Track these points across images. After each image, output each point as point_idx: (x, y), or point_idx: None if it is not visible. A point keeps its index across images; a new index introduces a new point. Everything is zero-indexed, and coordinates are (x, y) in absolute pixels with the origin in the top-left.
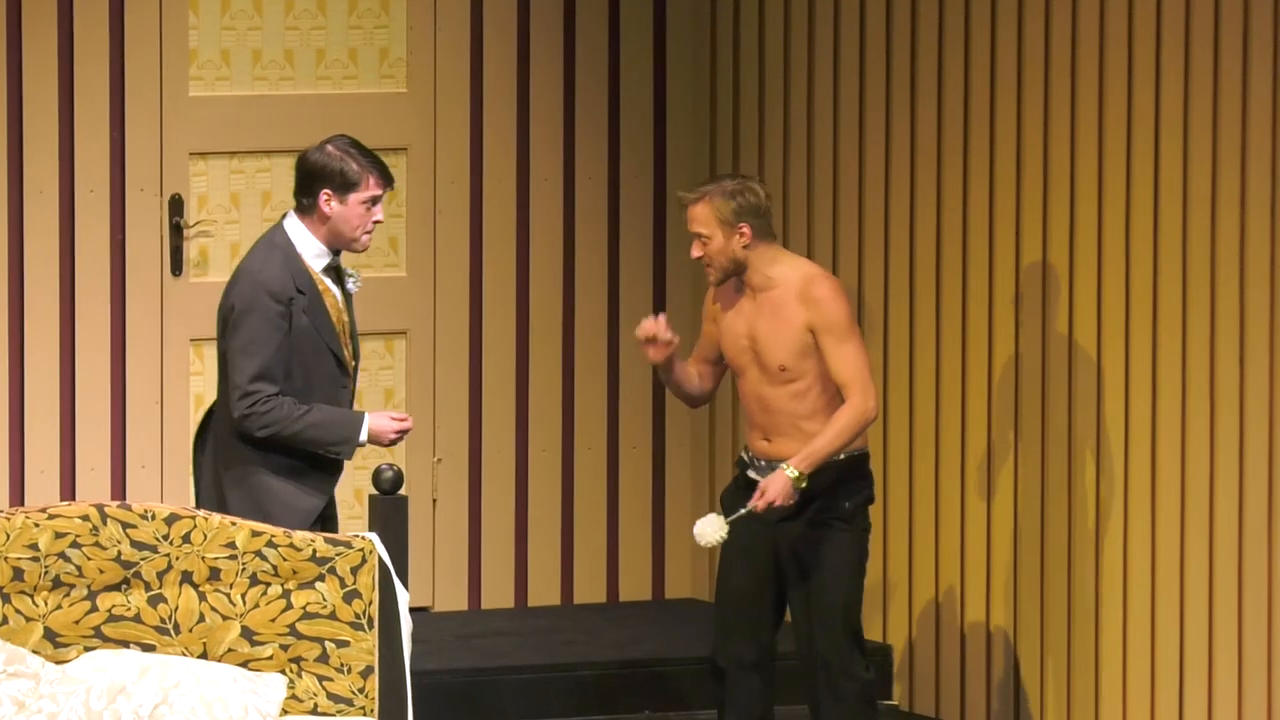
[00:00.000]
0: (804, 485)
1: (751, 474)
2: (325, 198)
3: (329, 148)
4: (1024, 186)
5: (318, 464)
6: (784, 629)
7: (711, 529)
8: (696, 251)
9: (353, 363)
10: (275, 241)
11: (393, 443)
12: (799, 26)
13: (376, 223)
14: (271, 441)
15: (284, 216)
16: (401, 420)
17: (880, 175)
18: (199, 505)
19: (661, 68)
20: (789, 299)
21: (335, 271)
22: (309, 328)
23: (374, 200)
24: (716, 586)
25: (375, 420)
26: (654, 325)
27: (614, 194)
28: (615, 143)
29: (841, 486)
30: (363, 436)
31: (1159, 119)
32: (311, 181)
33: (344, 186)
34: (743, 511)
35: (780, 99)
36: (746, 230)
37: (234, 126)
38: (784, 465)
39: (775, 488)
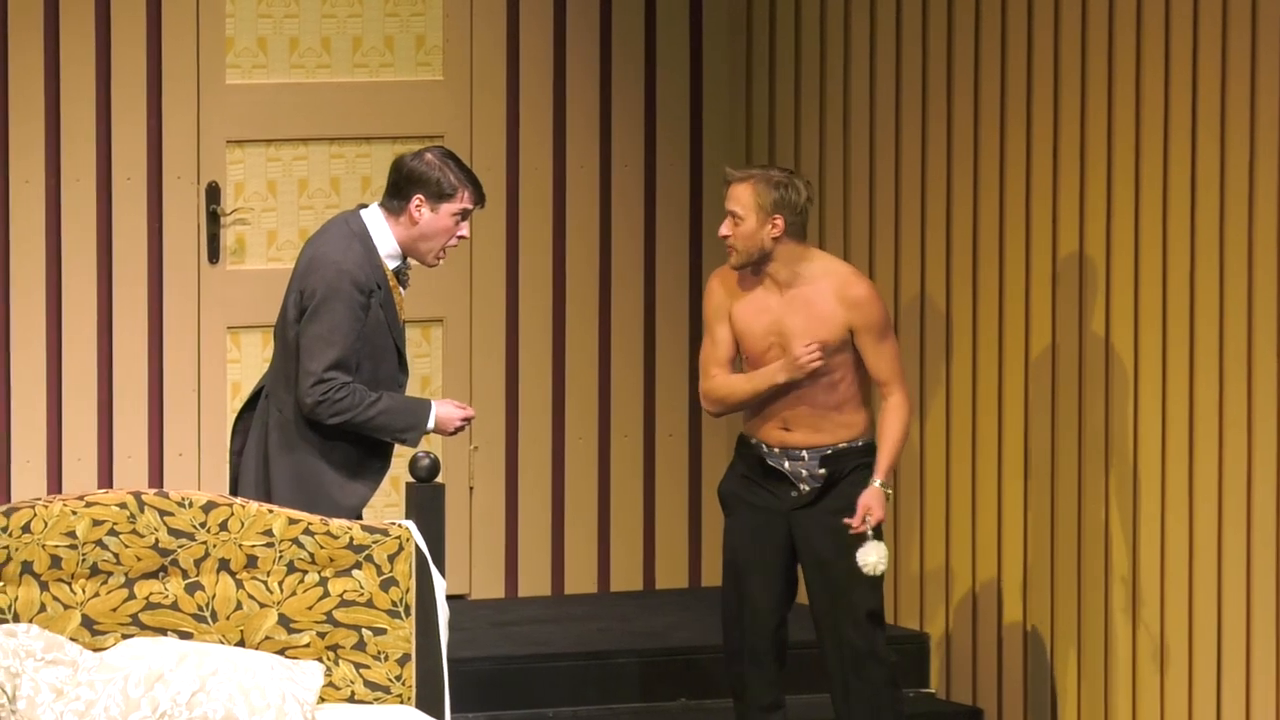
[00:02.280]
0: (889, 494)
1: (771, 463)
2: (417, 203)
3: (427, 156)
4: (1061, 179)
5: (372, 454)
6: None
7: (881, 556)
8: (725, 230)
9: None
10: (354, 230)
11: (456, 431)
12: (835, 12)
13: (461, 238)
14: (340, 429)
15: (360, 206)
16: (464, 409)
17: (917, 168)
18: (236, 488)
19: (698, 55)
20: (824, 296)
21: (397, 275)
22: (382, 322)
23: (464, 214)
24: (724, 574)
25: (441, 408)
26: None
27: (650, 181)
28: (651, 130)
29: (860, 473)
30: (430, 424)
31: (1196, 111)
32: (406, 186)
33: (438, 195)
34: (871, 535)
35: (816, 86)
36: (779, 223)
37: (271, 114)
38: (873, 480)
39: (877, 504)
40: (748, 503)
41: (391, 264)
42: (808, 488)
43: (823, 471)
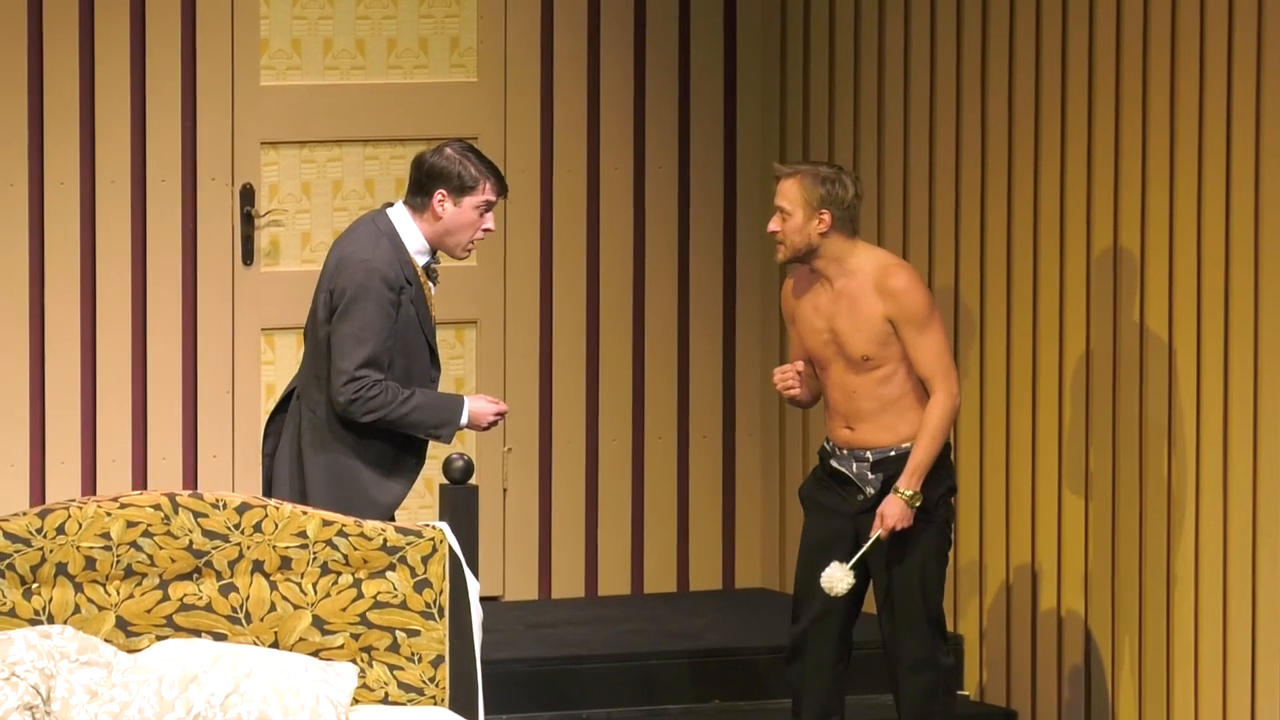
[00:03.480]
0: (918, 503)
1: (834, 464)
2: (440, 198)
3: (447, 150)
4: (1095, 176)
5: (407, 451)
6: (860, 620)
7: (838, 577)
8: (774, 225)
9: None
10: (381, 229)
11: (490, 425)
12: (869, 15)
13: (487, 230)
14: (373, 426)
15: (387, 205)
16: (497, 403)
17: (951, 166)
18: (270, 490)
19: (732, 56)
20: (866, 290)
21: (426, 271)
22: (414, 319)
23: (488, 206)
24: (796, 576)
25: (474, 403)
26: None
27: (684, 183)
28: (685, 132)
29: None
30: (463, 419)
31: (1230, 108)
32: (428, 182)
33: (460, 189)
34: (865, 548)
35: (850, 87)
36: (826, 218)
37: (305, 116)
38: (895, 488)
39: (893, 512)
40: (820, 504)
41: (420, 260)
42: (873, 490)
43: (884, 475)
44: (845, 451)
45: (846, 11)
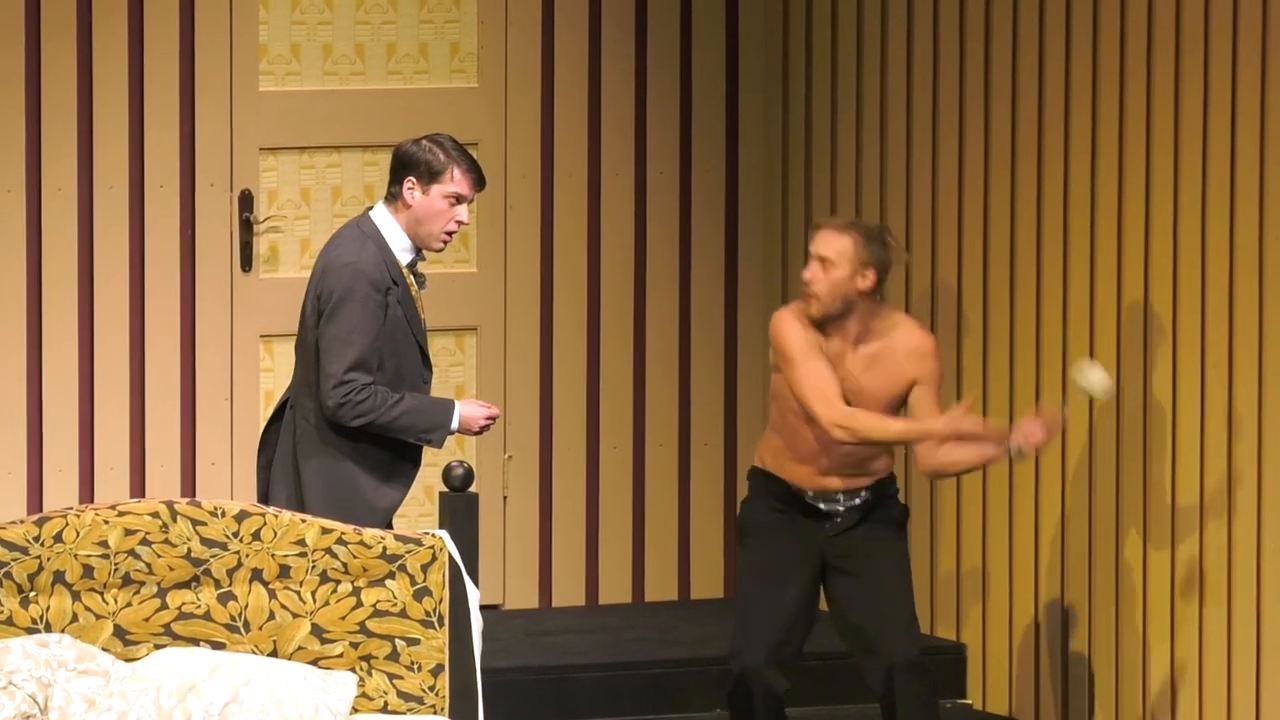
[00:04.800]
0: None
1: (808, 501)
2: (409, 186)
3: (423, 140)
4: (1098, 178)
5: (403, 456)
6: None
7: (1099, 379)
8: (814, 274)
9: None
10: (365, 231)
11: (481, 430)
12: (872, 17)
13: (460, 223)
14: (364, 431)
15: (369, 208)
16: (488, 407)
17: (953, 174)
18: (267, 502)
19: (734, 62)
20: (896, 355)
21: (412, 272)
22: (402, 319)
23: (458, 198)
24: (751, 591)
25: (465, 407)
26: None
27: (685, 189)
28: (687, 137)
29: (888, 500)
30: (454, 423)
31: (1235, 106)
32: (399, 169)
33: (428, 176)
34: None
35: (853, 91)
36: (871, 276)
37: (304, 122)
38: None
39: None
40: (783, 527)
41: (405, 257)
42: (841, 519)
43: (857, 503)
44: (811, 492)
45: (849, 14)
